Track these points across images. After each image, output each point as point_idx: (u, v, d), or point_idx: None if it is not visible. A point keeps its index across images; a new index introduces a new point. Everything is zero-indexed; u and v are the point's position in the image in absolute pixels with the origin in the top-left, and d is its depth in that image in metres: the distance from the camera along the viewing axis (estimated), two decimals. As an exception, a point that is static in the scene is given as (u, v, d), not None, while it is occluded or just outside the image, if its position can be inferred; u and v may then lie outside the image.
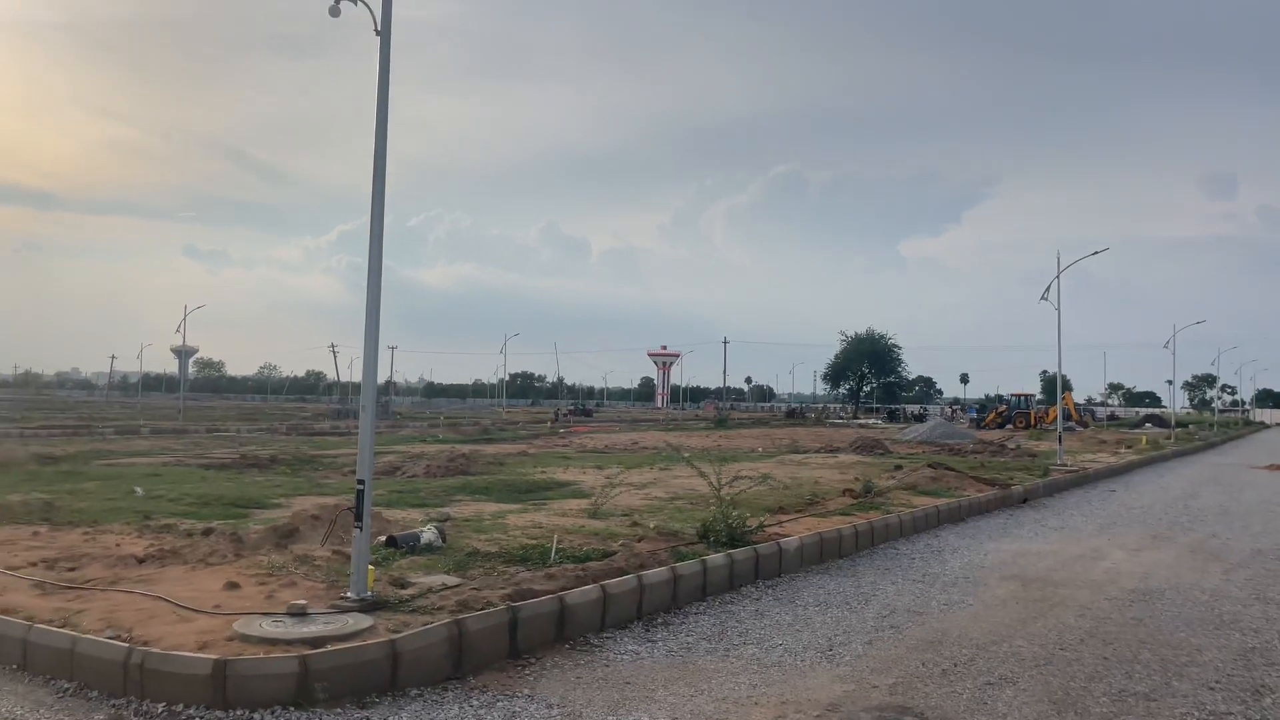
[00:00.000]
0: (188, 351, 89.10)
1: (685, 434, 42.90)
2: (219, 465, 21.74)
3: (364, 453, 7.52)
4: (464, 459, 21.76)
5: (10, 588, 7.69)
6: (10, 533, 10.49)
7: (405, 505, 13.70)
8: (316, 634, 6.20)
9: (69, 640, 6.19)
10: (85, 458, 22.88)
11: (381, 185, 7.72)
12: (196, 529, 10.48)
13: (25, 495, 13.09)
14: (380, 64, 7.65)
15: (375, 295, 7.69)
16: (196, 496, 14.61)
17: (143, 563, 8.68)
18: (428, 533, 9.79)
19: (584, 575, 8.23)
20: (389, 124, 7.79)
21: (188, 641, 6.06)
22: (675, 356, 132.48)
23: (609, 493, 13.62)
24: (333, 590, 7.54)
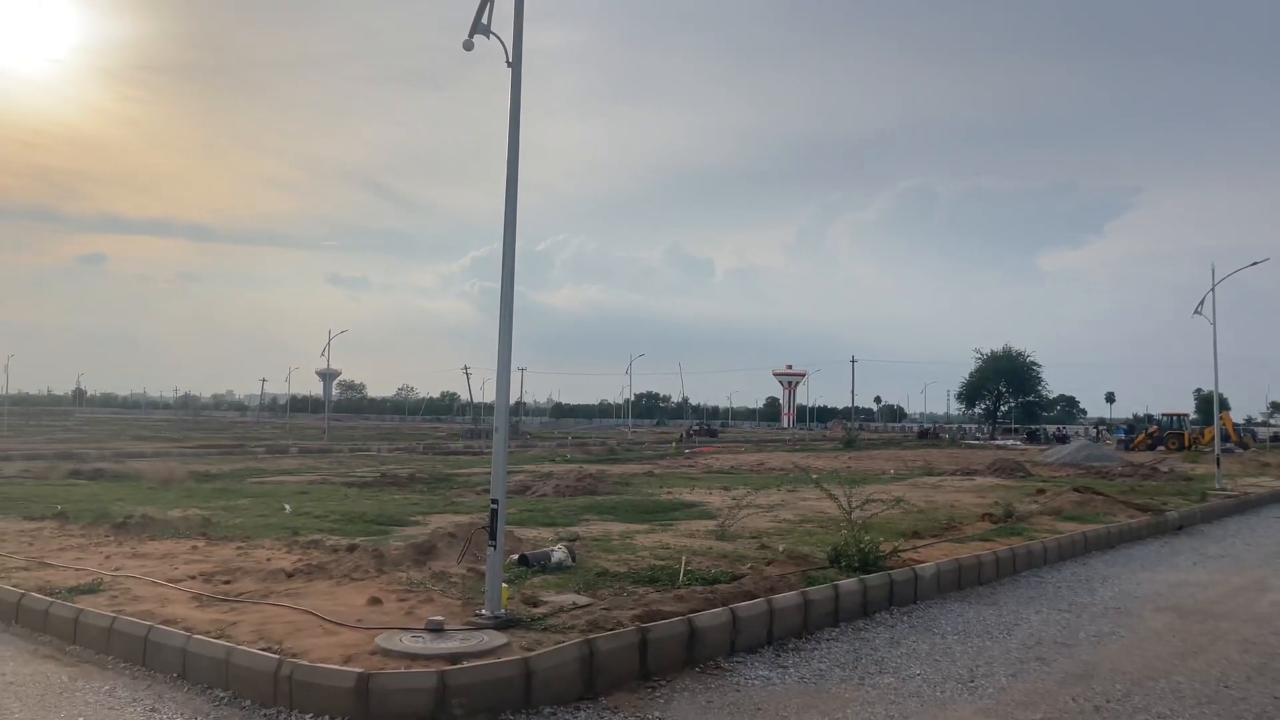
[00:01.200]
0: (331, 374, 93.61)
1: (813, 455, 42.24)
2: (361, 483, 22.66)
3: (497, 472, 7.69)
4: (592, 479, 22.01)
5: (171, 599, 8.18)
6: (172, 546, 11.17)
7: (536, 524, 13.94)
8: (454, 650, 6.35)
9: (224, 651, 6.53)
10: (239, 476, 24.24)
11: (513, 211, 7.91)
12: (341, 545, 10.93)
13: (185, 511, 13.94)
14: (511, 94, 7.87)
15: (508, 320, 7.87)
16: (341, 513, 15.25)
17: (291, 577, 9.10)
18: (558, 552, 9.92)
19: (713, 598, 8.17)
20: (520, 151, 7.99)
21: (333, 655, 6.30)
22: (801, 376, 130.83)
23: (736, 514, 13.51)
24: (468, 607, 7.72)
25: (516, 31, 7.85)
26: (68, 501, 15.67)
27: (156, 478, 22.37)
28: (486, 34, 7.80)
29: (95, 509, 14.39)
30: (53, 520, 13.48)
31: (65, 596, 8.24)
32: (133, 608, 7.76)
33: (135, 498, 16.86)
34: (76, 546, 11.19)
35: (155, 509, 13.92)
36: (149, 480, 21.88)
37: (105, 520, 13.03)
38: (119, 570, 9.46)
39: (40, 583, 8.84)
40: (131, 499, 16.45)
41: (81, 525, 12.93)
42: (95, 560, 10.13)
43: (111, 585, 8.74)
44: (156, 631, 7.05)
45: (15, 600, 8.35)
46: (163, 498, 17.13)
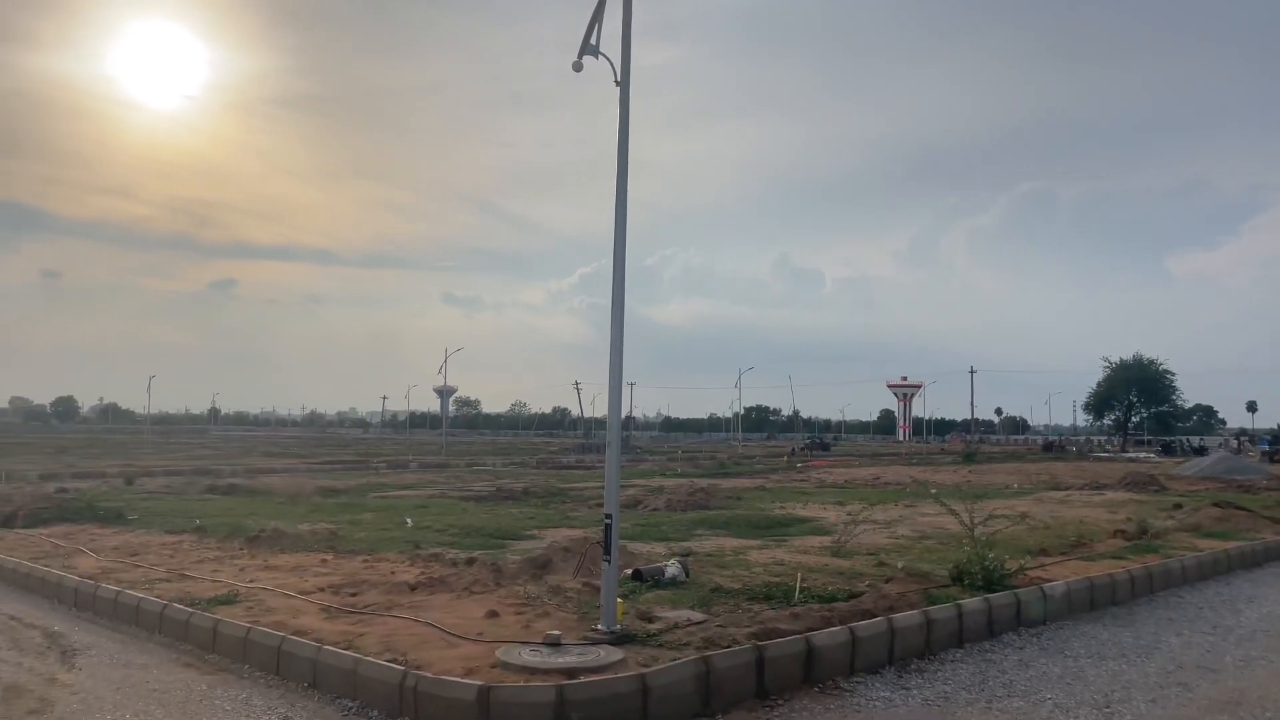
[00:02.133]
0: (448, 391, 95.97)
1: (931, 469, 41.14)
2: (477, 497, 23.15)
3: (610, 487, 7.73)
4: (703, 493, 21.94)
5: (302, 611, 8.50)
6: (302, 559, 11.62)
7: (648, 539, 13.96)
8: (571, 665, 6.40)
9: (352, 662, 6.75)
10: (362, 490, 25.08)
11: (623, 226, 7.97)
12: (460, 558, 11.18)
13: (313, 525, 14.50)
14: (620, 111, 7.94)
15: (618, 335, 7.92)
16: (459, 527, 15.61)
17: (414, 590, 9.34)
18: (672, 567, 9.91)
19: (830, 616, 8.01)
20: (629, 167, 8.05)
21: (455, 667, 6.43)
22: (917, 387, 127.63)
23: (852, 530, 13.25)
24: (584, 622, 7.77)
25: (624, 51, 7.93)
26: (205, 516, 16.49)
27: (286, 493, 23.35)
28: (595, 54, 7.91)
29: (230, 523, 15.09)
30: (191, 533, 14.20)
31: (204, 607, 8.66)
32: (266, 618, 8.10)
33: (267, 512, 17.62)
34: (214, 559, 11.76)
35: (285, 523, 14.52)
36: (279, 495, 22.85)
37: (240, 534, 13.66)
38: (253, 582, 9.89)
39: (181, 593, 9.31)
40: (263, 513, 17.20)
41: (218, 538, 13.58)
42: (231, 572, 10.62)
43: (246, 596, 9.14)
44: (289, 642, 7.33)
45: (158, 610, 8.82)
46: (292, 512, 17.85)
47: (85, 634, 8.74)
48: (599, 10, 7.90)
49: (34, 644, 8.30)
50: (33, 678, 7.17)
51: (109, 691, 6.85)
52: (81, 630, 8.90)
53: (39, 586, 10.75)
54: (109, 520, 16.06)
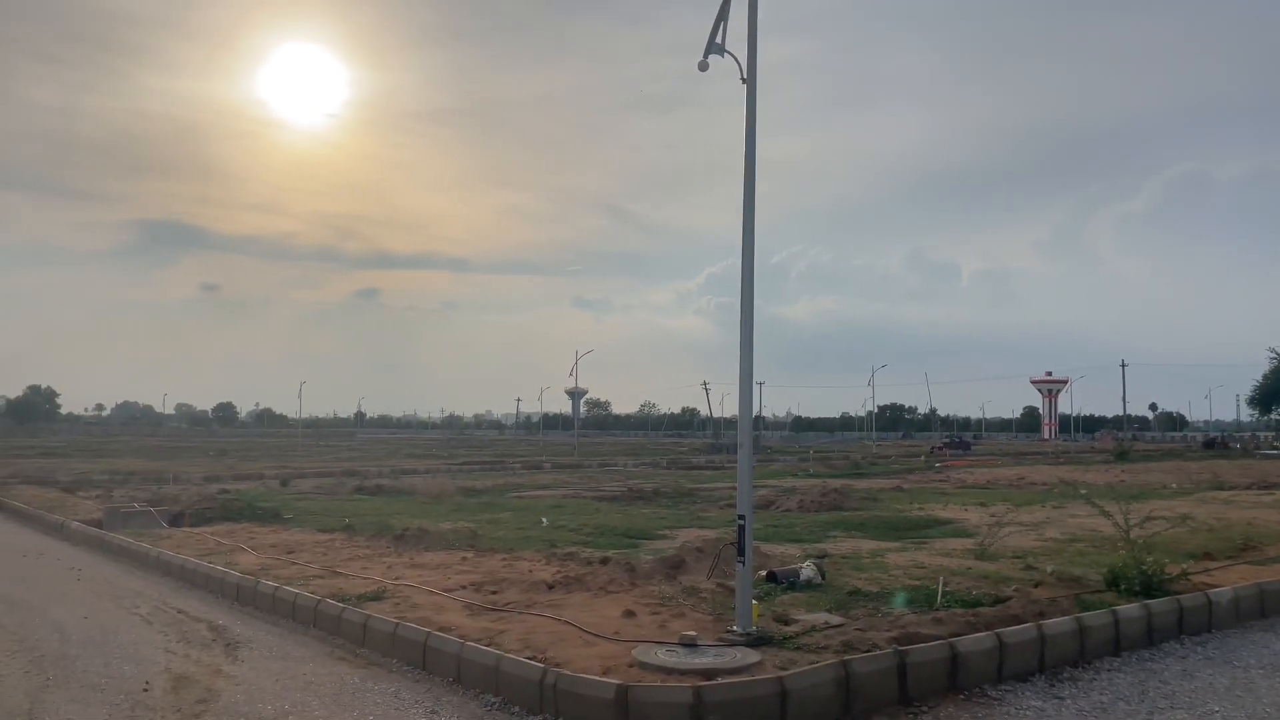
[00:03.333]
0: (579, 393, 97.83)
1: (1080, 468, 39.24)
2: (609, 497, 23.41)
3: (743, 487, 7.67)
4: (836, 494, 21.55)
5: (446, 608, 8.77)
6: (445, 557, 11.99)
7: (782, 540, 13.80)
8: (707, 666, 6.38)
9: (494, 658, 6.91)
10: (500, 490, 25.73)
11: (751, 224, 7.90)
12: (595, 558, 11.31)
13: (454, 524, 14.95)
14: (747, 109, 7.88)
15: (748, 334, 7.85)
16: (593, 527, 15.82)
17: (552, 588, 9.51)
18: (807, 569, 9.76)
19: (975, 621, 7.72)
20: (756, 164, 7.97)
21: (593, 665, 6.51)
22: (1062, 383, 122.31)
23: (996, 532, 12.76)
24: (719, 623, 7.74)
25: (750, 48, 7.86)
26: (354, 515, 17.25)
27: (429, 493, 24.17)
28: (721, 53, 7.87)
29: (377, 522, 15.73)
30: (342, 532, 14.86)
31: (355, 603, 9.04)
32: (412, 615, 8.39)
33: (411, 511, 18.28)
34: (363, 556, 12.27)
35: (429, 522, 15.03)
36: (422, 495, 23.68)
37: (386, 533, 14.21)
38: (399, 579, 10.26)
39: (333, 590, 9.75)
40: (408, 513, 17.85)
41: (366, 537, 14.17)
42: (379, 569, 11.06)
43: (393, 593, 9.50)
44: (434, 638, 7.57)
45: (313, 605, 9.25)
46: (435, 511, 18.47)
47: (246, 627, 9.25)
48: (724, 9, 7.86)
49: (200, 636, 8.84)
50: (200, 669, 7.63)
51: (269, 683, 7.22)
52: (243, 624, 9.43)
53: (204, 582, 11.45)
54: (266, 519, 16.98)
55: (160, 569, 12.71)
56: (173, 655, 8.06)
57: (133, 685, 7.07)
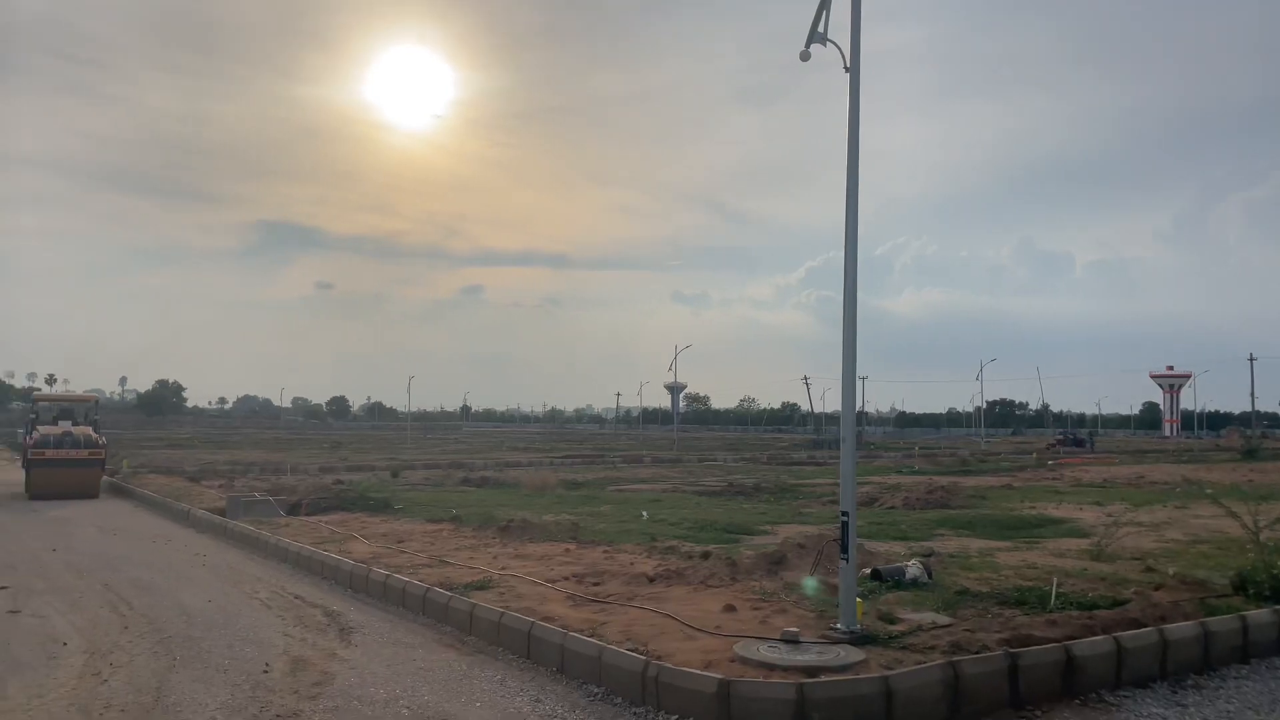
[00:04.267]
0: (678, 387, 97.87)
1: (1204, 467, 37.33)
2: (709, 492, 23.38)
3: (846, 484, 7.55)
4: (943, 491, 21.03)
5: (549, 598, 8.90)
6: (548, 549, 12.17)
7: (886, 538, 13.55)
8: (810, 663, 6.31)
9: (596, 649, 6.98)
10: (600, 484, 25.97)
11: (854, 215, 7.76)
12: (695, 552, 11.31)
13: (557, 516, 15.15)
14: (850, 99, 7.73)
15: (851, 328, 7.72)
16: (693, 521, 15.82)
17: (653, 582, 9.54)
18: (913, 568, 9.55)
19: (1092, 624, 7.43)
20: (859, 154, 7.82)
21: (694, 659, 6.51)
22: (1185, 378, 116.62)
23: (1114, 532, 12.25)
24: (821, 620, 7.64)
25: (854, 36, 7.71)
26: (460, 506, 17.65)
27: (531, 485, 24.57)
28: (823, 42, 7.75)
29: (483, 513, 16.06)
30: (449, 522, 15.23)
31: (462, 592, 9.25)
32: (517, 604, 8.54)
33: (514, 503, 18.62)
34: (469, 546, 12.54)
35: (532, 514, 15.27)
36: (525, 488, 24.09)
37: (491, 523, 14.50)
38: (504, 569, 10.46)
39: (441, 578, 10.00)
40: (511, 505, 18.19)
41: (472, 527, 14.49)
42: (484, 559, 11.29)
43: (499, 583, 9.69)
44: (538, 628, 7.69)
45: (422, 593, 9.51)
46: (537, 503, 18.77)
47: (359, 613, 9.57)
48: (826, -3, 7.73)
49: (316, 621, 9.18)
50: (316, 652, 7.92)
51: (381, 668, 7.45)
52: (356, 609, 9.75)
53: (319, 569, 11.89)
54: (378, 509, 17.53)
55: (278, 556, 13.26)
56: (290, 639, 8.39)
57: (253, 667, 7.40)
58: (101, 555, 13.64)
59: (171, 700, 6.51)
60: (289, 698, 6.58)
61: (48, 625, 8.91)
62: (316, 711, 6.27)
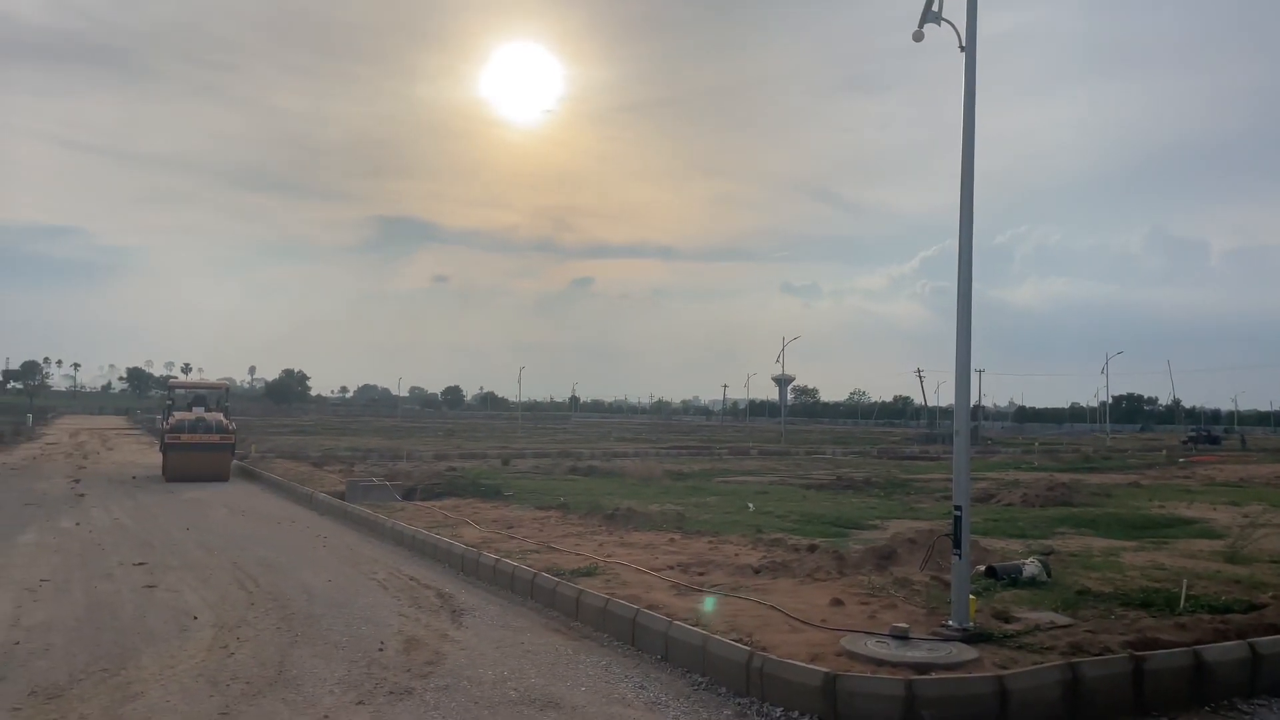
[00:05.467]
0: (786, 379, 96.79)
1: (1352, 467, 34.86)
2: (817, 485, 23.07)
3: (959, 478, 7.34)
4: (1064, 488, 20.21)
5: (654, 586, 8.92)
6: (652, 537, 12.21)
7: (1002, 535, 13.11)
8: (920, 659, 6.15)
9: (701, 638, 6.96)
10: (706, 475, 25.91)
11: (969, 202, 7.51)
12: (802, 545, 11.18)
13: (662, 506, 15.20)
14: (966, 81, 7.48)
15: (965, 319, 7.49)
16: (799, 514, 15.63)
17: (758, 573, 9.47)
18: (1030, 566, 9.21)
19: (1225, 628, 7.03)
20: (975, 139, 7.57)
21: (799, 652, 6.42)
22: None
23: (1250, 534, 11.57)
24: (932, 617, 7.44)
25: (970, 14, 7.45)
26: (568, 494, 17.89)
27: (637, 475, 24.71)
28: (938, 21, 7.52)
29: (589, 501, 16.23)
30: (557, 510, 15.45)
31: (568, 578, 9.37)
32: (622, 592, 8.60)
33: (621, 492, 18.76)
34: (576, 534, 12.70)
35: (637, 503, 15.37)
36: (631, 477, 24.23)
37: (598, 512, 14.65)
38: (610, 557, 10.55)
39: (548, 564, 10.15)
40: (618, 494, 18.33)
41: (579, 515, 14.66)
42: (590, 547, 11.41)
43: (604, 570, 9.77)
44: (643, 615, 7.73)
45: (530, 579, 9.67)
46: (643, 493, 18.86)
47: (470, 596, 9.80)
48: (941, -26, 7.49)
49: (429, 603, 9.44)
50: (428, 633, 8.14)
51: (490, 649, 7.61)
52: (467, 592, 9.99)
53: (432, 552, 12.23)
54: (489, 495, 17.91)
55: (394, 538, 13.69)
56: (405, 619, 8.65)
57: (369, 645, 7.65)
58: (231, 535, 14.34)
59: (293, 674, 6.79)
60: (402, 675, 6.78)
61: (180, 600, 9.41)
62: (428, 690, 6.45)
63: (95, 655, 7.22)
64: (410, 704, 6.14)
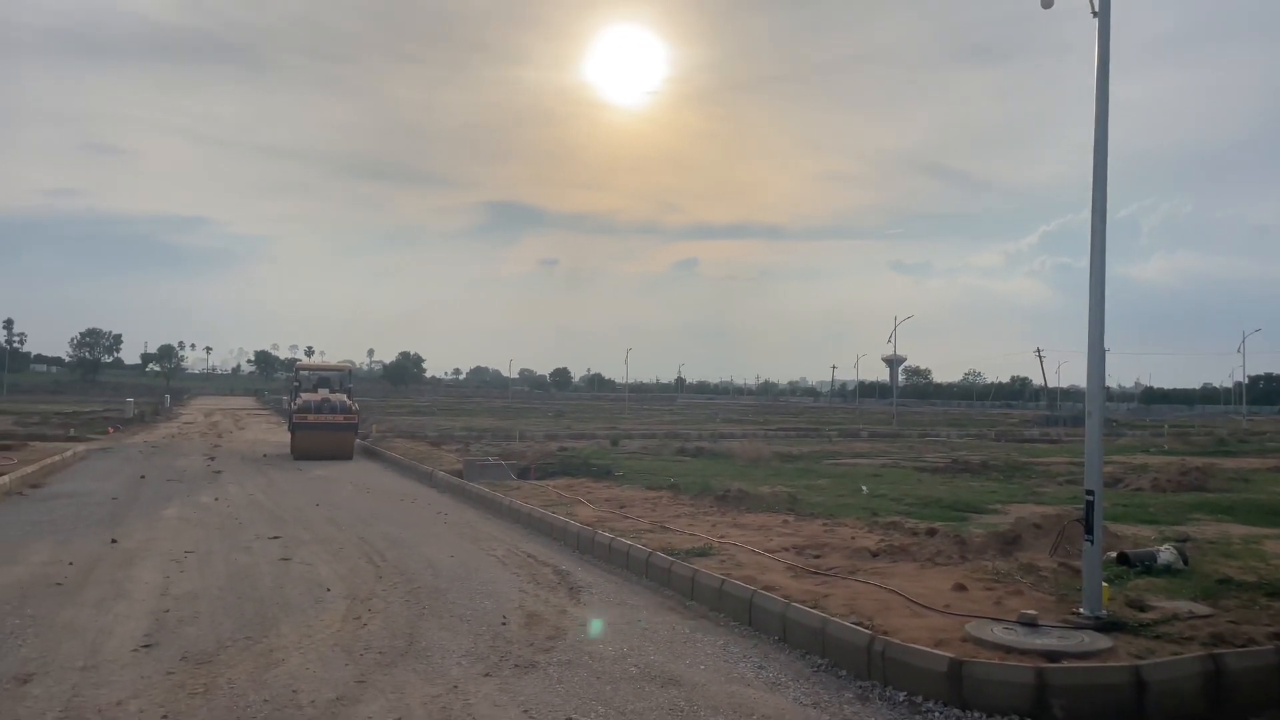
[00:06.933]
0: (897, 360, 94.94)
1: None
2: (932, 468, 22.56)
3: (1091, 460, 7.08)
4: (1198, 473, 19.25)
5: (769, 568, 8.90)
6: (765, 519, 12.17)
7: (1133, 520, 12.58)
8: (1050, 647, 5.97)
9: (820, 620, 6.92)
10: (815, 457, 25.65)
11: (1103, 174, 7.20)
12: (920, 529, 10.96)
13: (773, 487, 15.10)
14: (1099, 44, 7.15)
15: (1098, 294, 7.20)
16: (915, 498, 15.33)
17: (875, 556, 9.34)
18: (1166, 553, 8.81)
19: (1385, 624, 6.60)
20: (1109, 108, 7.24)
21: (922, 637, 6.31)
22: None
23: None
24: (1062, 604, 7.21)
25: (1103, -25, 7.11)
26: (678, 475, 17.97)
27: (746, 457, 24.61)
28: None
29: (699, 482, 16.27)
30: (668, 490, 15.54)
31: (683, 557, 9.42)
32: (737, 572, 8.60)
33: (730, 474, 18.73)
34: (687, 514, 12.75)
35: (748, 485, 15.31)
36: (739, 459, 24.16)
37: (708, 492, 14.67)
38: (723, 538, 10.56)
39: (662, 544, 10.23)
40: (727, 475, 18.30)
41: (690, 496, 14.71)
42: (703, 527, 11.44)
43: (719, 550, 9.79)
44: (759, 596, 7.72)
45: (644, 558, 9.77)
46: (752, 475, 18.78)
47: (586, 573, 9.96)
48: (1071, -65, 7.16)
49: (547, 579, 9.64)
50: (548, 608, 8.32)
51: (608, 626, 7.73)
52: (583, 570, 10.16)
53: (548, 530, 12.47)
54: (600, 475, 18.14)
55: (510, 516, 14.02)
56: (525, 594, 8.87)
57: (492, 618, 7.87)
58: (356, 511, 14.92)
59: (422, 646, 7.04)
60: (525, 649, 6.95)
61: (313, 572, 9.85)
62: (551, 664, 6.60)
63: (239, 623, 7.64)
64: (535, 677, 6.30)
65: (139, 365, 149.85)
